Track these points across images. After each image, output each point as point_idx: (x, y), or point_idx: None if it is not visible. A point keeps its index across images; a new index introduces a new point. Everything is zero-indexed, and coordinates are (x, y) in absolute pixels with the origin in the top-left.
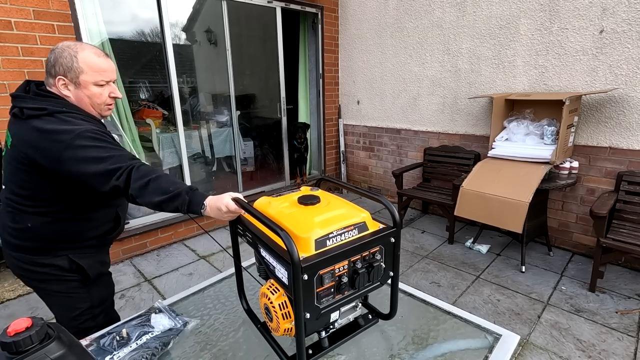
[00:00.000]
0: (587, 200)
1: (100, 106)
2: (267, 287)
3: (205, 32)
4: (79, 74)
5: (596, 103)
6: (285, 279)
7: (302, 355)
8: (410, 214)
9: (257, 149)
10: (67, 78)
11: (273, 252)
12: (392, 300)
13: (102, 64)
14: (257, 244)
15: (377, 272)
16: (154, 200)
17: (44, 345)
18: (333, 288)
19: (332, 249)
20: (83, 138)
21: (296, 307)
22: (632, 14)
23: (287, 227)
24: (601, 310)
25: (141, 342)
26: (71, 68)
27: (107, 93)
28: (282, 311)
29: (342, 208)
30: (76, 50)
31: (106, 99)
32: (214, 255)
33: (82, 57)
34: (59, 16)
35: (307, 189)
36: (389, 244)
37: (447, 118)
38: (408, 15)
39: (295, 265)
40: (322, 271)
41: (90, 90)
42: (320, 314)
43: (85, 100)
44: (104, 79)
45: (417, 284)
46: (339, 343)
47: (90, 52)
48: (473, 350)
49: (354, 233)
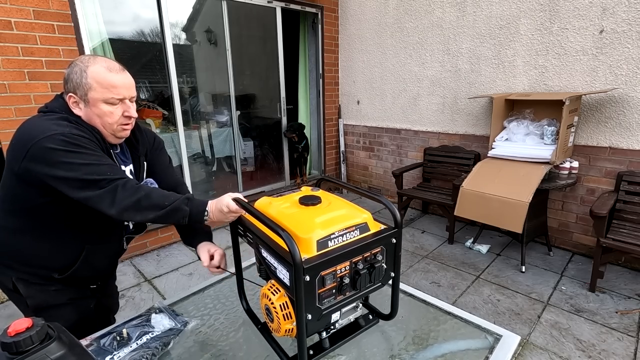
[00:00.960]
0: (587, 200)
1: (113, 126)
2: (268, 287)
3: (205, 32)
4: (87, 91)
5: (596, 103)
6: (286, 279)
7: (303, 356)
8: (410, 214)
9: (257, 149)
10: (77, 95)
11: (274, 252)
12: (393, 301)
13: (114, 80)
14: (258, 245)
15: (378, 272)
16: (149, 217)
17: (45, 346)
18: (335, 289)
19: (334, 250)
20: (57, 142)
21: (298, 308)
22: (632, 14)
23: (289, 227)
24: (601, 310)
25: (141, 342)
26: (80, 84)
27: (121, 112)
28: (283, 312)
29: (344, 209)
30: (87, 65)
31: (119, 118)
32: None
33: (92, 72)
34: (59, 16)
35: (307, 189)
36: (390, 245)
37: (447, 118)
38: (408, 15)
39: (297, 266)
40: (323, 272)
41: (100, 108)
42: (322, 315)
43: (95, 120)
44: (116, 97)
45: (417, 284)
46: (340, 343)
47: (101, 67)
48: (473, 351)
49: (356, 234)
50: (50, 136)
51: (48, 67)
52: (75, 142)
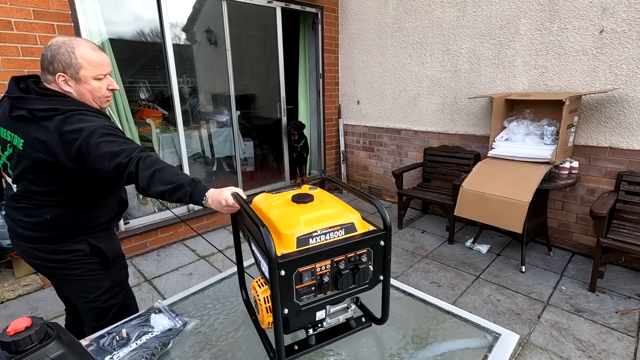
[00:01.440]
0: (587, 200)
1: (101, 99)
2: (256, 280)
3: (205, 32)
4: (78, 70)
5: (596, 103)
6: (267, 273)
7: (280, 347)
8: (410, 214)
9: (257, 149)
10: (67, 74)
11: (259, 246)
12: (384, 305)
13: (99, 58)
14: (249, 239)
15: (363, 274)
16: (158, 189)
17: (44, 345)
18: (314, 287)
19: (314, 247)
20: (98, 135)
21: (273, 301)
22: (632, 14)
23: (274, 223)
24: (601, 310)
25: (141, 342)
26: (70, 64)
27: (106, 86)
28: (266, 304)
29: (333, 208)
30: (72, 46)
31: (105, 91)
32: (214, 255)
33: (80, 53)
34: (59, 16)
35: (306, 188)
36: (378, 247)
37: (447, 118)
38: (408, 15)
39: (271, 260)
40: (301, 269)
41: (90, 84)
42: (300, 311)
43: (87, 95)
44: (102, 73)
45: (417, 283)
46: (326, 342)
47: (86, 47)
48: (472, 350)
49: (340, 233)
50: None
51: None
52: (110, 129)
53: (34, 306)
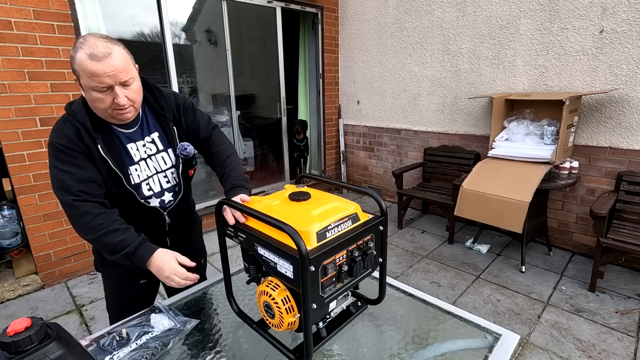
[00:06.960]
0: (587, 200)
1: (106, 111)
2: (266, 284)
3: (205, 32)
4: (78, 78)
5: (596, 103)
6: (289, 273)
7: (309, 344)
8: (410, 214)
9: (257, 148)
10: (77, 79)
11: (274, 248)
12: (381, 286)
13: (94, 69)
14: (253, 244)
15: (370, 259)
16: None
17: (44, 345)
18: (334, 277)
19: (332, 240)
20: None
21: (304, 299)
22: (632, 14)
23: (287, 222)
24: (601, 310)
25: (141, 342)
26: (74, 70)
27: (111, 99)
28: (285, 305)
29: (334, 202)
30: (76, 49)
31: (111, 104)
32: (214, 255)
33: (77, 60)
34: (59, 16)
35: (292, 187)
36: (378, 232)
37: (447, 118)
38: (408, 15)
39: (303, 258)
40: (325, 262)
41: (90, 94)
42: (325, 304)
43: (92, 104)
44: (99, 85)
45: (417, 284)
46: (336, 331)
47: (84, 53)
48: (473, 350)
49: (349, 224)
50: (50, 143)
51: (48, 67)
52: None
53: (34, 306)
